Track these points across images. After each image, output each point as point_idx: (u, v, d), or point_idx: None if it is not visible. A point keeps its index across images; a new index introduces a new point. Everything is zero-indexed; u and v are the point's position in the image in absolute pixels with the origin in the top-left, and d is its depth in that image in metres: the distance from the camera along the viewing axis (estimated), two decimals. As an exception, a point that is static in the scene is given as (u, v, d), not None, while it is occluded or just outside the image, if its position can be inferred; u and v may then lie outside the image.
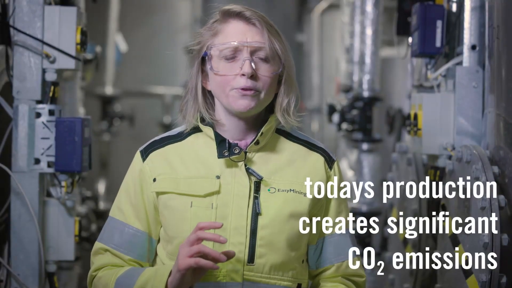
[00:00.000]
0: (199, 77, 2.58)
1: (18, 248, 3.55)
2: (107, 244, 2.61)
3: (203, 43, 2.57)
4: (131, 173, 2.63)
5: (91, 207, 5.85)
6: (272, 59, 2.52)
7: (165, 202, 2.56)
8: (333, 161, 2.64)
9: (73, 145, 3.53)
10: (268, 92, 2.53)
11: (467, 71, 3.60)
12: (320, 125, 8.52)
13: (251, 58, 2.50)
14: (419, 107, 3.74)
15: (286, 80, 2.56)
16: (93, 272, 2.61)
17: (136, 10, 9.42)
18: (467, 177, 3.29)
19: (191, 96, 2.59)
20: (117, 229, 2.61)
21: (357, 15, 5.84)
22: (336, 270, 2.63)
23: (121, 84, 9.01)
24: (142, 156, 2.61)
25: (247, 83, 2.49)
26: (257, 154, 2.58)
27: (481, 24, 3.59)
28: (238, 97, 2.50)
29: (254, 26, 2.52)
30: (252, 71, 2.48)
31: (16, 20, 3.54)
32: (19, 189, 3.52)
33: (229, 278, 2.49)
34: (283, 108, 2.55)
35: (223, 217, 2.50)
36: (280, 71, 2.54)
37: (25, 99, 3.54)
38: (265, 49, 2.51)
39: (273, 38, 2.51)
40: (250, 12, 2.53)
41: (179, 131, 2.64)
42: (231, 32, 2.52)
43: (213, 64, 2.53)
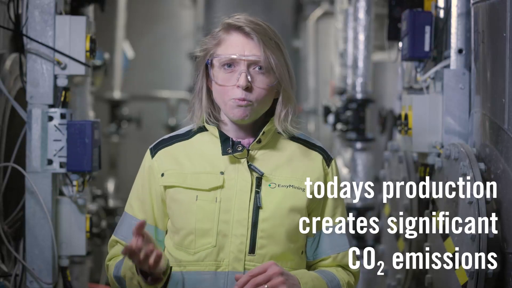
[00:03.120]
0: (204, 81, 2.61)
1: (33, 244, 3.55)
2: (117, 236, 2.67)
3: (207, 50, 2.59)
4: (141, 170, 2.67)
5: (101, 205, 5.83)
6: (268, 72, 2.54)
7: (172, 195, 2.58)
8: (331, 159, 2.66)
9: (84, 147, 3.53)
10: (263, 102, 2.55)
11: (454, 73, 3.60)
12: (316, 126, 8.51)
13: (248, 71, 2.52)
14: (409, 108, 3.74)
15: (283, 93, 2.58)
16: (107, 261, 2.68)
17: (142, 19, 9.42)
18: (455, 173, 3.29)
19: (198, 98, 2.62)
20: (127, 222, 2.66)
21: (350, 22, 5.84)
22: (332, 261, 2.64)
23: (129, 88, 9.00)
24: (152, 153, 2.64)
25: (242, 95, 2.51)
26: (259, 152, 2.60)
27: (467, 29, 3.60)
28: (234, 106, 2.53)
29: (253, 40, 2.53)
30: (246, 83, 2.51)
31: (29, 29, 3.53)
32: (33, 188, 3.52)
33: (231, 267, 2.52)
34: (281, 119, 2.58)
35: (227, 210, 2.53)
36: (275, 83, 2.55)
37: (38, 103, 3.54)
38: (260, 62, 2.53)
39: (269, 52, 2.53)
40: (251, 27, 2.54)
41: (187, 130, 2.67)
42: (231, 43, 2.55)
43: (214, 73, 2.56)
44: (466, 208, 3.15)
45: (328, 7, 8.45)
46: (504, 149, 3.12)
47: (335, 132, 5.99)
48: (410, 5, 3.88)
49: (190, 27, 9.50)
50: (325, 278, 2.56)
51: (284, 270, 2.45)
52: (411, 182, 4.08)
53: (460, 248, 3.22)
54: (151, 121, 9.06)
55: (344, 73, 6.08)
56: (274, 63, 2.53)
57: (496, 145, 3.17)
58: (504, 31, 3.10)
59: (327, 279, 2.56)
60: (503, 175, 3.11)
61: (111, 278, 2.63)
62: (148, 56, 9.40)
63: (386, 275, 4.45)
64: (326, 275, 2.57)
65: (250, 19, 2.56)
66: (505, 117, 3.10)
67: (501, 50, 3.12)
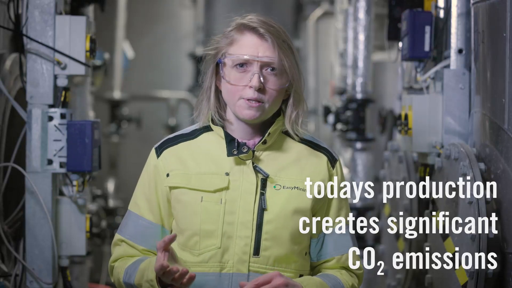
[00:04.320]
0: (213, 79, 2.61)
1: (33, 244, 3.55)
2: (123, 235, 2.65)
3: (218, 49, 2.59)
4: (146, 169, 2.66)
5: (101, 205, 5.83)
6: (280, 74, 2.55)
7: (177, 196, 2.58)
8: (336, 160, 2.66)
9: (84, 147, 3.52)
10: (274, 103, 2.56)
11: (454, 73, 3.60)
12: (316, 126, 8.50)
13: (260, 72, 2.53)
14: (409, 108, 3.74)
15: (294, 94, 2.59)
16: (111, 262, 2.66)
17: (142, 18, 9.41)
18: (455, 173, 3.29)
19: (206, 96, 2.62)
20: (133, 221, 2.65)
21: (350, 22, 5.84)
22: (336, 262, 2.64)
23: (129, 88, 9.00)
24: (157, 152, 2.64)
25: (254, 95, 2.52)
26: (264, 153, 2.60)
27: (467, 29, 3.59)
28: (245, 107, 2.53)
29: (267, 41, 2.54)
30: (259, 84, 2.51)
31: (29, 29, 3.53)
32: (33, 188, 3.52)
33: (236, 269, 2.52)
34: (292, 120, 2.59)
35: (231, 212, 2.53)
36: (287, 85, 2.56)
37: (38, 103, 3.54)
38: (274, 64, 2.53)
39: (282, 55, 2.54)
40: (265, 28, 2.54)
41: (192, 129, 2.67)
42: (245, 44, 2.55)
43: (226, 72, 2.56)
44: (466, 208, 3.15)
45: (328, 7, 8.45)
46: (504, 149, 3.12)
47: (335, 132, 5.99)
48: (410, 5, 3.88)
49: (190, 27, 9.50)
50: (329, 283, 2.56)
51: (289, 281, 2.45)
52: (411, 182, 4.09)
53: (460, 248, 3.21)
54: (151, 121, 9.06)
55: (344, 73, 6.07)
56: (288, 65, 2.54)
57: (496, 145, 3.17)
58: (504, 31, 3.10)
59: (331, 284, 2.56)
60: (503, 175, 3.11)
61: (120, 283, 2.61)
62: (148, 56, 9.40)
63: (386, 275, 4.45)
64: (330, 280, 2.57)
65: (263, 20, 2.56)
66: (505, 117, 3.10)
67: (501, 50, 3.12)
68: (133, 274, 2.55)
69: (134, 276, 2.55)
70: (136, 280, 2.53)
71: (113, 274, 2.65)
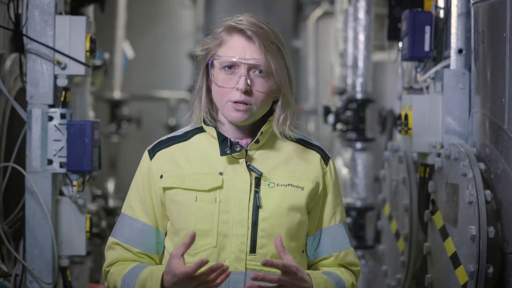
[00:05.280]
0: (204, 80, 2.61)
1: (33, 244, 3.54)
2: (118, 238, 2.63)
3: (208, 50, 2.59)
4: (140, 172, 2.65)
5: (101, 205, 5.83)
6: (268, 76, 2.54)
7: (172, 197, 2.58)
8: (329, 158, 2.66)
9: (84, 147, 3.52)
10: (262, 106, 2.55)
11: (454, 73, 3.60)
12: (316, 126, 8.51)
13: (248, 74, 2.52)
14: (409, 108, 3.74)
15: (282, 97, 2.58)
16: (106, 267, 2.64)
17: (142, 18, 9.41)
18: (455, 173, 3.29)
19: (198, 96, 2.62)
20: (127, 224, 2.64)
21: (350, 22, 5.84)
22: (334, 260, 2.63)
23: (129, 88, 9.00)
24: (150, 155, 2.63)
25: (241, 97, 2.52)
26: (257, 152, 2.60)
27: (467, 29, 3.59)
28: (232, 109, 2.53)
29: (254, 43, 2.53)
30: (246, 87, 2.51)
31: (29, 29, 3.53)
32: (33, 188, 3.52)
33: (233, 267, 2.51)
34: (280, 123, 2.58)
35: (226, 211, 2.53)
36: (275, 88, 2.55)
37: (38, 103, 3.54)
38: (261, 66, 2.53)
39: (270, 57, 2.52)
40: (253, 30, 2.53)
41: (184, 131, 2.66)
42: (232, 46, 2.54)
43: (214, 74, 2.56)
44: (466, 208, 3.15)
45: (328, 7, 8.45)
46: (504, 149, 3.12)
47: (335, 132, 5.99)
48: (410, 5, 3.88)
49: (190, 27, 9.50)
50: (333, 281, 2.56)
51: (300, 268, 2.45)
52: (411, 182, 4.10)
53: (460, 248, 3.22)
54: (151, 121, 9.06)
55: (344, 73, 6.07)
56: (274, 67, 2.53)
57: (496, 145, 3.17)
58: (504, 31, 3.10)
59: (335, 282, 2.56)
60: (503, 175, 3.11)
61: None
62: (148, 56, 9.40)
63: (386, 275, 4.45)
64: (333, 278, 2.57)
65: (253, 21, 2.55)
66: (505, 117, 3.10)
67: (501, 50, 3.12)
68: (131, 282, 2.54)
69: (133, 285, 2.53)
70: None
71: (109, 280, 2.62)
